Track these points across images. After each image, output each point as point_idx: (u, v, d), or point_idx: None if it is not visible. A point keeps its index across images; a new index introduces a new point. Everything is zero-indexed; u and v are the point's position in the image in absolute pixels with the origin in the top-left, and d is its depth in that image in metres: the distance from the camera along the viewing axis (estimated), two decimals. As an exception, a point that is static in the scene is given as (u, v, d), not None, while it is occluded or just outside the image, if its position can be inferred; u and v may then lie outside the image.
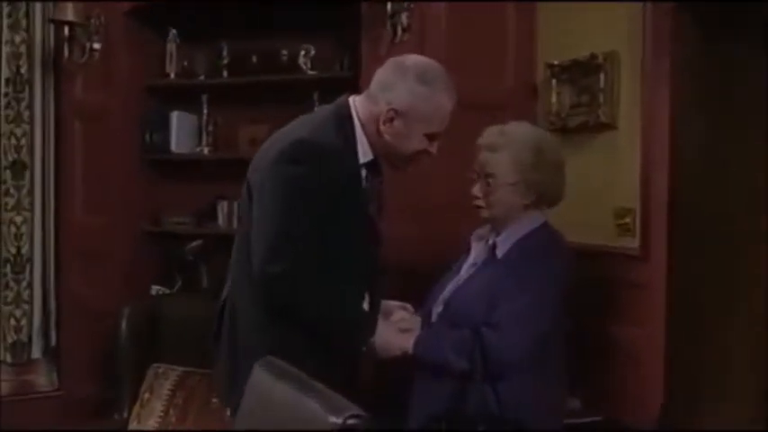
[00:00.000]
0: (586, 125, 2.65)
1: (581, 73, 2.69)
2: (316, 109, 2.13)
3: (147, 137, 3.71)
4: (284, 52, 3.59)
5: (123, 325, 3.02)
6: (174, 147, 3.71)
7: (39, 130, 3.81)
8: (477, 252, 2.29)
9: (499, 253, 2.19)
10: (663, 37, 2.41)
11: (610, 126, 2.58)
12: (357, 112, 2.04)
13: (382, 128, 2.00)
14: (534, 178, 2.17)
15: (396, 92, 1.97)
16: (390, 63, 2.05)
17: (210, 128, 3.74)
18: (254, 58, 3.60)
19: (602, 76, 2.58)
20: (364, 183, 2.07)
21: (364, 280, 2.09)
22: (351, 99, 2.07)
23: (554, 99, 2.79)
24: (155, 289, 3.65)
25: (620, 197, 2.54)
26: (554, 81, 2.80)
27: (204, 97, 3.73)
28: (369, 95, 2.04)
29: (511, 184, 2.17)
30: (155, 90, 3.78)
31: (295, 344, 1.95)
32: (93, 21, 3.56)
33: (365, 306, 2.11)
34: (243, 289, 2.04)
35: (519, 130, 2.22)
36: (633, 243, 2.48)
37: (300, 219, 1.91)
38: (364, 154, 2.05)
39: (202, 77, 3.72)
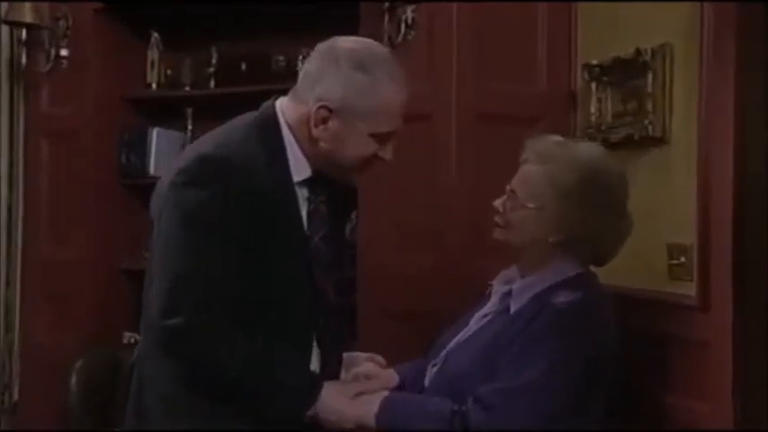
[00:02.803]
0: (631, 139, 2.43)
1: (625, 74, 2.48)
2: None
3: (124, 158, 3.62)
4: (280, 58, 3.49)
5: (73, 381, 2.84)
6: (153, 169, 3.61)
7: (4, 150, 3.72)
8: (496, 299, 2.06)
9: (513, 306, 1.95)
10: (727, 30, 2.17)
11: (660, 140, 2.36)
12: (285, 117, 1.86)
13: (315, 131, 1.80)
14: (568, 211, 1.93)
15: (326, 84, 1.78)
16: (319, 50, 1.85)
17: (196, 147, 3.59)
18: (245, 66, 3.51)
19: (650, 78, 2.37)
20: (305, 205, 1.88)
21: (307, 329, 1.88)
22: (278, 102, 1.89)
23: (593, 107, 2.60)
24: (127, 336, 3.51)
25: (673, 230, 2.32)
26: (593, 85, 2.60)
27: (189, 111, 3.64)
28: (295, 94, 1.86)
29: (535, 207, 1.94)
30: (133, 103, 3.70)
31: (216, 417, 1.78)
32: (60, 23, 3.47)
33: (314, 362, 1.90)
34: (150, 350, 1.84)
35: (574, 145, 2.04)
36: (690, 289, 2.24)
37: (205, 257, 1.73)
38: (300, 169, 1.86)
39: (188, 88, 3.64)
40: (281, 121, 1.84)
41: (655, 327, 2.32)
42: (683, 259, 2.27)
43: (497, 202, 2.01)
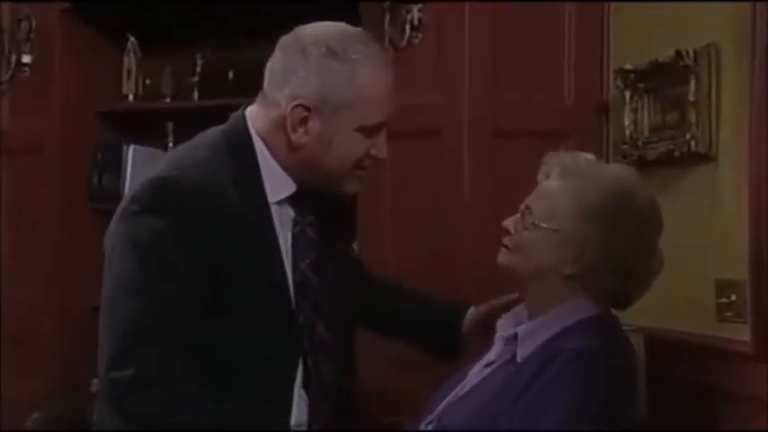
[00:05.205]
0: (671, 156, 2.40)
1: (664, 80, 2.46)
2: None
3: (96, 179, 3.62)
4: None
5: (27, 439, 2.78)
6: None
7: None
8: (500, 345, 1.99)
9: (520, 353, 1.87)
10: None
11: (705, 157, 2.32)
12: (255, 127, 1.83)
13: (294, 136, 1.78)
14: (590, 238, 1.86)
15: (297, 80, 1.76)
16: (281, 43, 1.84)
17: (177, 166, 3.59)
18: (232, 75, 3.52)
19: (692, 84, 2.32)
20: (289, 227, 1.85)
21: (288, 375, 1.83)
22: (248, 111, 1.87)
23: (627, 120, 2.59)
24: (95, 383, 3.38)
25: (721, 263, 2.26)
26: (627, 94, 2.59)
27: (170, 126, 3.63)
28: (263, 98, 1.84)
29: (551, 229, 1.88)
30: (106, 117, 3.69)
31: None
32: (21, 25, 3.47)
33: (300, 411, 1.84)
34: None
35: (605, 165, 2.04)
36: (742, 333, 2.14)
37: (161, 297, 1.70)
38: (279, 186, 1.83)
39: (168, 100, 3.64)
40: (252, 131, 1.81)
41: (700, 377, 2.23)
42: (733, 297, 2.20)
43: (508, 222, 1.95)
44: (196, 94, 3.56)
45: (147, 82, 3.66)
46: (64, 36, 3.52)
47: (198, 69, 3.57)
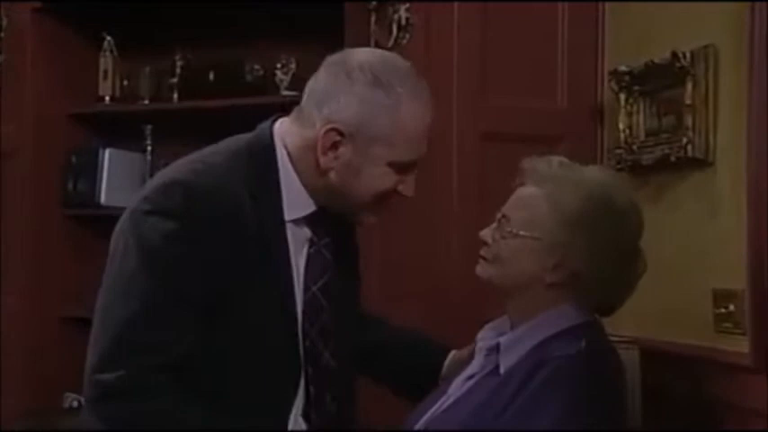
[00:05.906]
0: (668, 161, 2.40)
1: (660, 82, 2.47)
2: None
3: (70, 184, 3.61)
4: (255, 67, 3.49)
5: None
6: (104, 198, 3.59)
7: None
8: (481, 356, 1.97)
9: (503, 364, 1.86)
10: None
11: (702, 162, 2.33)
12: (284, 142, 1.83)
13: (323, 159, 1.77)
14: (571, 244, 1.85)
15: (337, 103, 1.75)
16: (327, 63, 1.82)
17: (156, 171, 3.57)
18: (213, 76, 3.50)
19: (689, 87, 2.32)
20: (305, 247, 1.85)
21: (286, 402, 1.82)
22: (277, 124, 1.87)
23: (622, 123, 2.59)
24: (69, 398, 3.47)
25: (719, 272, 2.25)
26: (622, 96, 2.59)
27: (148, 129, 3.63)
28: (299, 114, 1.83)
29: (531, 237, 1.87)
30: (81, 119, 3.69)
31: None
32: None
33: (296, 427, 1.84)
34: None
35: (581, 167, 1.99)
36: (741, 345, 2.15)
37: (160, 302, 1.69)
38: (299, 204, 1.82)
39: (146, 102, 3.63)
40: (278, 145, 1.82)
41: (697, 390, 2.24)
42: (731, 308, 2.19)
43: (484, 233, 1.94)
44: (175, 96, 3.55)
45: (125, 83, 3.65)
46: (36, 35, 3.51)
47: (177, 70, 3.55)
